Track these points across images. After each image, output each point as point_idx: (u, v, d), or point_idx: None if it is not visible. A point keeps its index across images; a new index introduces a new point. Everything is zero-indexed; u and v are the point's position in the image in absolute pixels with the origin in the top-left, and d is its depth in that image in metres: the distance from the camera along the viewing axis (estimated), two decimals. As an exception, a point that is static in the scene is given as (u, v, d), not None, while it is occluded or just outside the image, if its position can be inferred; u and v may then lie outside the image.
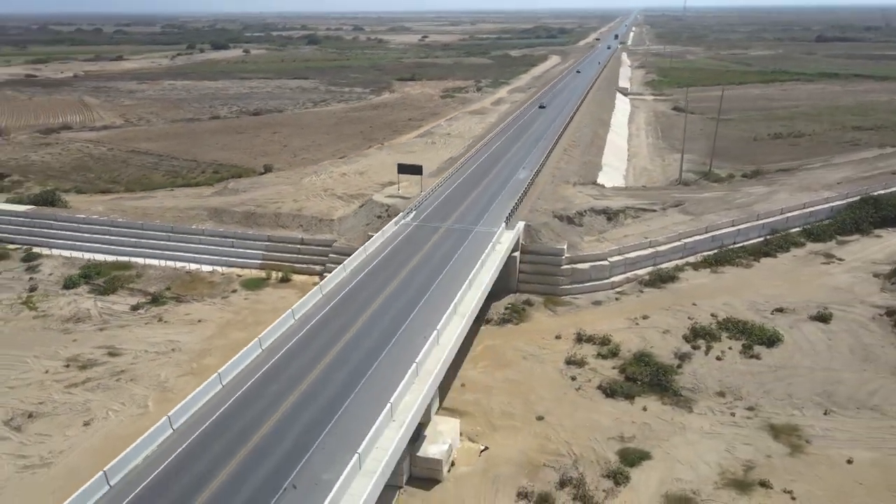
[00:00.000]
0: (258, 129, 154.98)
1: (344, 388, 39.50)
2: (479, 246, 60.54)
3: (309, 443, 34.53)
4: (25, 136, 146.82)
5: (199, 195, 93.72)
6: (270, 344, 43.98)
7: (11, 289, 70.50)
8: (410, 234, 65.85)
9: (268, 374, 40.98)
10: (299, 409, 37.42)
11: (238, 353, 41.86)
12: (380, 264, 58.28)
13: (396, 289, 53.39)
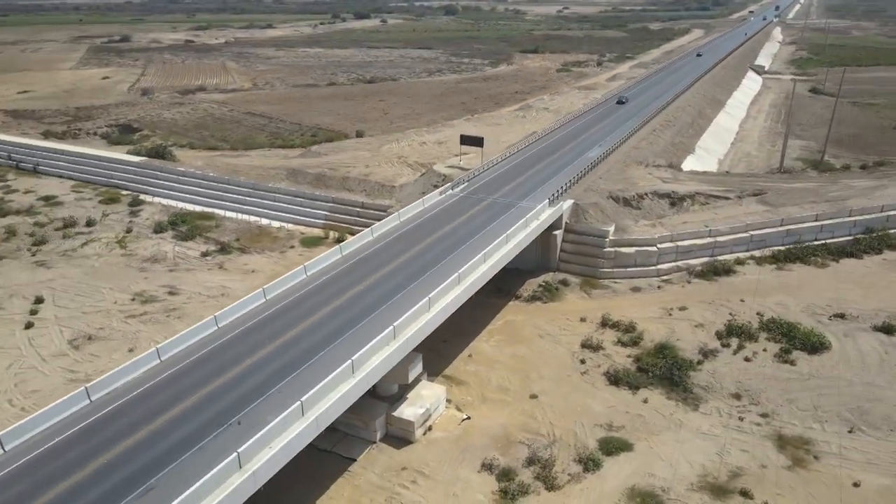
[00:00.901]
0: (367, 96, 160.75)
1: (323, 341, 41.72)
2: (514, 220, 60.08)
3: (270, 385, 37.16)
4: (166, 95, 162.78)
5: (286, 156, 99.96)
6: (275, 295, 47.22)
7: (112, 229, 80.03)
8: (451, 205, 66.60)
9: (261, 321, 44.23)
10: (273, 356, 40.20)
11: (240, 301, 45.55)
12: (409, 231, 59.78)
13: (414, 255, 54.68)
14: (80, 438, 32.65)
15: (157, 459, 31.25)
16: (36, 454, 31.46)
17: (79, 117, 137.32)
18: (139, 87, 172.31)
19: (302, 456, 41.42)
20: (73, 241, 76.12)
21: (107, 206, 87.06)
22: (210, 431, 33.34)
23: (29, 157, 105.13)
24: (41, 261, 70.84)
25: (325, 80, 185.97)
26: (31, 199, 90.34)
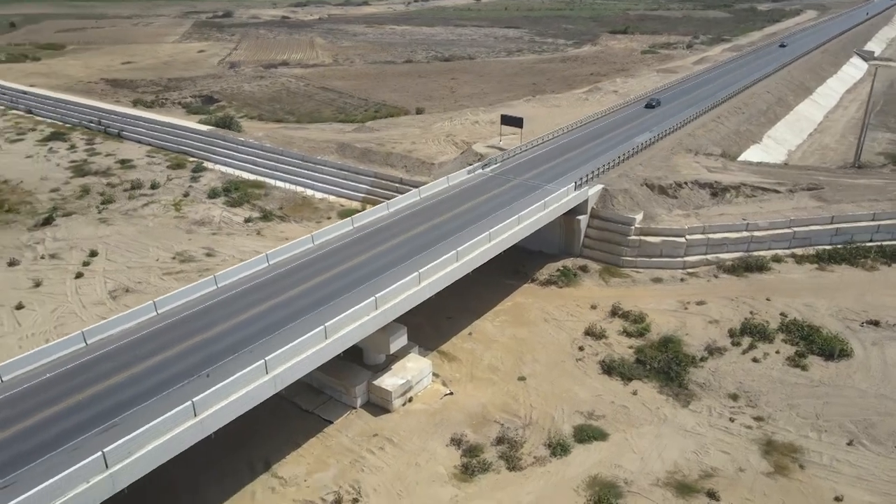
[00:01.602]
0: (440, 74, 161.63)
1: (312, 305, 43.50)
2: (535, 202, 59.47)
3: (251, 342, 39.38)
4: (250, 69, 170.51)
5: (342, 130, 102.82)
6: (278, 260, 49.58)
7: (172, 192, 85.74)
8: (476, 184, 66.70)
9: (259, 283, 46.67)
10: (261, 316, 42.44)
11: (242, 263, 48.25)
12: (426, 208, 60.59)
13: (423, 231, 55.44)
14: (66, 376, 36.21)
15: (127, 401, 34.16)
16: (25, 387, 35.22)
17: (168, 88, 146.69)
18: (228, 61, 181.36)
19: (284, 414, 44.10)
20: (136, 201, 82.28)
21: (172, 171, 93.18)
22: (182, 380, 35.97)
23: (116, 123, 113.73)
24: (104, 218, 77.16)
25: (403, 58, 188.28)
26: (109, 161, 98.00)
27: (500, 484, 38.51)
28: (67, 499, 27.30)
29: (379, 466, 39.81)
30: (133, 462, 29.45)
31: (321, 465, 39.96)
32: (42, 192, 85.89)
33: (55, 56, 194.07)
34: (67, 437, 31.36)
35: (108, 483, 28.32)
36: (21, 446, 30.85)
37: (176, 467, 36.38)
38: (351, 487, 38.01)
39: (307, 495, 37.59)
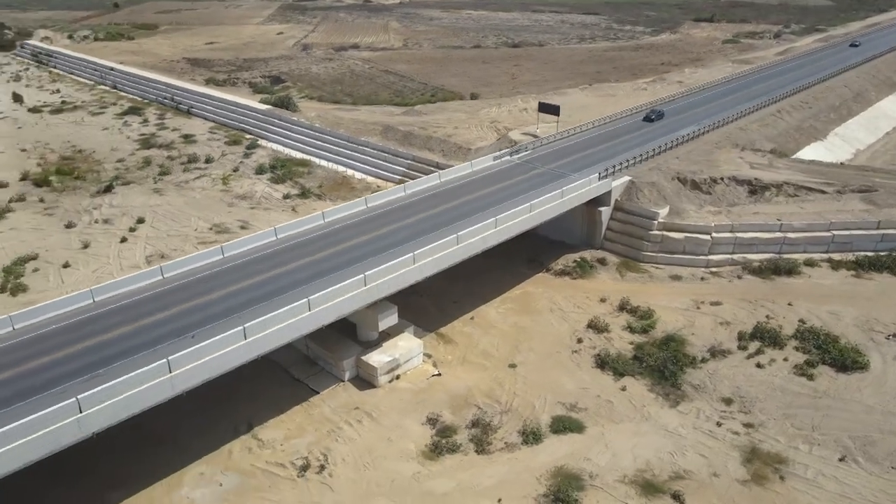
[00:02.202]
0: (504, 60, 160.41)
1: (310, 277, 45.26)
2: (554, 191, 58.92)
3: (241, 308, 41.52)
4: (321, 51, 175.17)
5: (391, 113, 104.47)
6: (286, 235, 51.69)
7: (224, 167, 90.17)
8: (500, 171, 66.56)
9: (264, 255, 48.92)
10: (261, 285, 44.55)
11: (252, 235, 50.72)
12: (444, 192, 61.15)
13: (435, 213, 56.07)
14: (70, 329, 39.54)
15: (116, 354, 37.02)
16: (32, 335, 38.79)
17: (241, 67, 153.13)
18: (301, 43, 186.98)
19: (277, 381, 46.28)
20: (189, 174, 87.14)
21: (228, 147, 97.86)
22: (171, 339, 38.53)
23: (186, 99, 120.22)
24: (158, 188, 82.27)
25: (471, 43, 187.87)
26: (174, 135, 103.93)
27: (464, 465, 39.10)
28: (40, 435, 30.17)
29: (353, 438, 41.24)
30: (104, 409, 32.04)
31: (300, 431, 41.81)
32: (109, 161, 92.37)
33: (148, 36, 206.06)
34: (57, 383, 34.42)
35: (74, 426, 31.00)
36: (14, 387, 34.15)
37: (166, 419, 39.41)
38: (321, 454, 39.66)
39: (279, 458, 39.53)
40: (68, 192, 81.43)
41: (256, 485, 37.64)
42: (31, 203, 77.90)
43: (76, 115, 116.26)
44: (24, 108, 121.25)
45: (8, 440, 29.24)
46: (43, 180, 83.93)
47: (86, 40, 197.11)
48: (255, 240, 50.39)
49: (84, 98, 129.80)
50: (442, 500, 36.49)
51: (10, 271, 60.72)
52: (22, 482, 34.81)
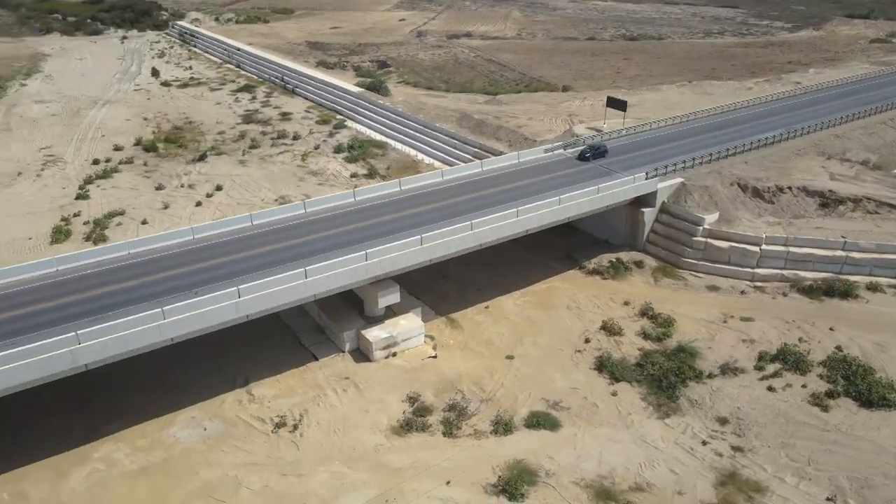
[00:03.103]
0: (615, 53, 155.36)
1: (321, 249, 47.62)
2: (598, 189, 57.47)
3: (254, 270, 44.81)
4: (434, 39, 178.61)
5: (474, 101, 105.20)
6: (315, 209, 54.53)
7: (307, 144, 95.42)
8: (548, 163, 65.55)
9: (289, 226, 51.97)
10: (276, 253, 47.56)
11: (282, 206, 54.11)
12: (480, 180, 61.38)
13: (464, 200, 56.45)
14: (107, 273, 44.69)
15: (131, 300, 41.41)
16: (72, 276, 44.34)
17: (354, 52, 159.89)
18: (417, 30, 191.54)
19: (283, 344, 49.39)
20: (275, 149, 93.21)
21: (317, 126, 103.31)
22: (182, 292, 42.48)
23: (293, 80, 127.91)
24: (243, 160, 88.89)
25: (587, 35, 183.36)
26: (274, 113, 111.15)
27: (427, 445, 40.02)
28: (45, 357, 34.96)
29: (333, 405, 43.39)
30: (97, 345, 36.34)
31: (289, 392, 44.59)
32: (212, 133, 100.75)
33: (282, 20, 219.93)
34: (71, 319, 39.32)
35: (67, 357, 35.49)
36: (32, 321, 39.33)
37: (178, 368, 43.78)
38: (299, 415, 42.17)
39: (262, 413, 42.51)
40: (169, 159, 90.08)
41: (235, 434, 40.86)
42: (137, 166, 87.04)
43: (197, 91, 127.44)
44: (158, 82, 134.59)
45: (8, 361, 34.13)
46: (151, 146, 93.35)
47: (228, 23, 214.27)
48: (284, 211, 53.74)
49: (210, 75, 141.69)
50: (393, 473, 37.71)
51: (99, 223, 68.79)
52: (45, 405, 40.39)
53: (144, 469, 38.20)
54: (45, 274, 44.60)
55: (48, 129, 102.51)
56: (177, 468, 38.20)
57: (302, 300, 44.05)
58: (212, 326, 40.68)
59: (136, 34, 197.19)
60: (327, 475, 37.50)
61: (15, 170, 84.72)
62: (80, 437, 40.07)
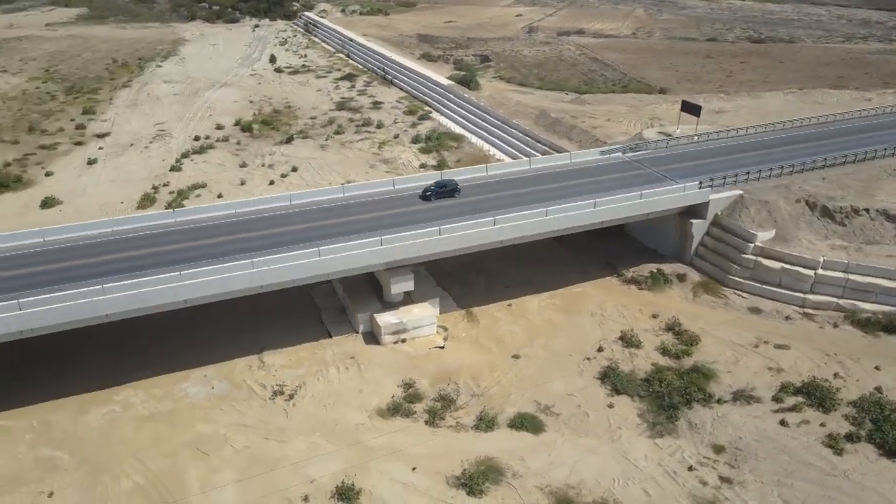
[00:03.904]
0: (733, 56, 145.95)
1: (352, 231, 49.81)
2: (640, 194, 55.32)
3: (277, 245, 47.67)
4: (544, 35, 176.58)
5: (559, 100, 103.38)
6: (354, 194, 56.72)
7: (388, 133, 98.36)
8: (601, 166, 63.54)
9: (326, 208, 54.41)
10: (305, 231, 50.23)
11: (319, 189, 56.76)
12: (526, 178, 60.80)
13: (501, 196, 56.44)
14: (150, 237, 49.32)
15: (165, 262, 45.49)
16: (114, 237, 49.40)
17: (461, 46, 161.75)
18: (529, 26, 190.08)
19: (305, 318, 51.96)
20: (357, 135, 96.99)
21: (403, 116, 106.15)
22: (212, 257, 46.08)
23: (392, 70, 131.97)
24: (325, 145, 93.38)
25: (708, 36, 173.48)
26: (367, 101, 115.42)
27: (407, 430, 40.87)
28: (69, 305, 39.62)
29: (332, 381, 45.30)
30: (117, 299, 40.51)
31: (296, 364, 47.03)
32: (304, 118, 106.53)
33: (403, 12, 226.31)
34: (101, 276, 43.87)
35: (89, 307, 39.88)
36: (64, 275, 44.26)
37: (202, 328, 47.75)
38: (297, 387, 44.43)
39: (266, 380, 45.22)
40: (261, 139, 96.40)
41: (237, 396, 43.88)
42: (230, 144, 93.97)
43: (304, 77, 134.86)
44: (273, 68, 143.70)
45: (42, 304, 39.00)
46: (248, 127, 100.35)
47: (353, 14, 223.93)
48: (323, 193, 56.38)
49: (320, 63, 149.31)
50: (366, 451, 38.97)
51: (182, 194, 75.37)
52: (86, 351, 45.65)
53: (152, 415, 42.10)
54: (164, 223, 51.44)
55: (168, 106, 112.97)
56: (179, 419, 41.75)
57: (314, 278, 46.35)
58: (224, 291, 43.71)
59: (268, 23, 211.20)
60: (305, 444, 39.46)
61: (128, 141, 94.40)
62: (107, 381, 44.74)
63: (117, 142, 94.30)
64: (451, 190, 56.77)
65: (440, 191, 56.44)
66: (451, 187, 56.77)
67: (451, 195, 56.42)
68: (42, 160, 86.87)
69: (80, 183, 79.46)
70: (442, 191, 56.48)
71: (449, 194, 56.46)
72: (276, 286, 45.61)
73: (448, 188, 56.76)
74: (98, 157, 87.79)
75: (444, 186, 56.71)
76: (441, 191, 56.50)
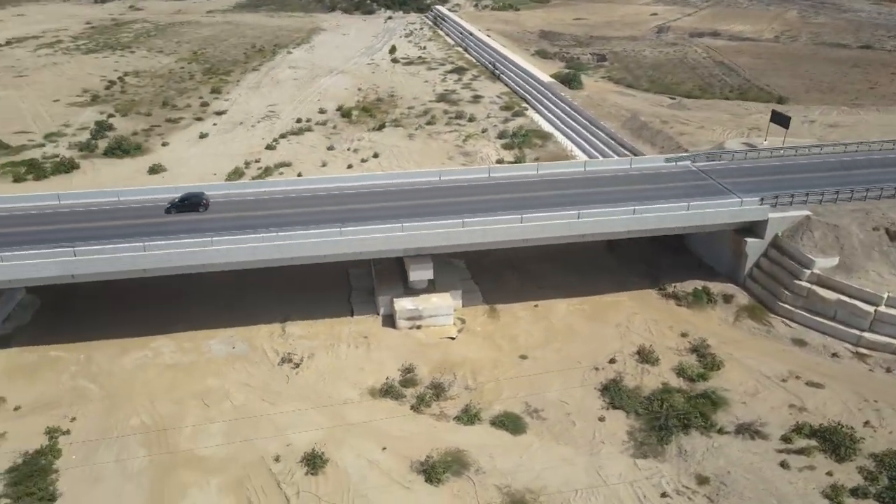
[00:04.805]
0: (884, 66, 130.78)
1: (391, 216, 51.41)
2: (697, 207, 52.31)
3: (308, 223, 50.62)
4: (674, 36, 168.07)
5: (658, 103, 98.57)
6: (403, 181, 58.55)
7: (477, 126, 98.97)
8: (660, 174, 60.25)
9: (373, 192, 56.57)
10: (352, 211, 52.06)
11: (372, 173, 58.94)
12: (578, 180, 59.25)
13: (544, 195, 55.59)
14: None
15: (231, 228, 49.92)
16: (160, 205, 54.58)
17: (582, 44, 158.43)
18: (660, 26, 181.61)
19: (335, 295, 54.61)
20: (447, 127, 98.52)
21: (498, 111, 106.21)
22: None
23: (501, 65, 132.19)
24: (413, 134, 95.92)
25: (863, 42, 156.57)
26: (468, 95, 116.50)
27: (390, 411, 42.03)
28: (112, 257, 44.93)
29: (339, 356, 47.39)
30: (150, 256, 45.30)
31: (312, 336, 49.61)
32: (403, 107, 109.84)
33: (534, 8, 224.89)
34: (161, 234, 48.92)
35: (130, 260, 44.90)
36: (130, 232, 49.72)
37: (243, 292, 52.20)
38: (305, 357, 46.98)
39: (280, 348, 48.19)
40: (356, 125, 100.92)
41: (251, 358, 47.24)
42: (327, 128, 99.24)
43: (415, 69, 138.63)
44: (390, 58, 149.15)
45: (96, 252, 44.65)
46: (347, 113, 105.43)
47: (485, 9, 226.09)
48: (375, 178, 58.75)
49: (437, 55, 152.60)
50: (345, 427, 40.61)
51: (267, 171, 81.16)
52: (138, 300, 51.20)
53: (175, 365, 46.52)
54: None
55: (285, 90, 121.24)
56: (195, 371, 45.81)
57: (333, 256, 48.66)
58: (242, 260, 47.21)
59: (401, 15, 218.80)
60: (292, 411, 41.85)
61: (240, 119, 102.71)
62: (151, 329, 49.86)
63: (231, 119, 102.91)
64: (194, 204, 52.68)
65: (183, 206, 52.61)
66: (196, 201, 52.85)
67: (196, 209, 52.48)
68: (164, 132, 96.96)
69: (188, 154, 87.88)
70: (185, 205, 52.60)
71: (192, 208, 52.61)
72: (299, 261, 48.41)
73: (191, 202, 52.79)
74: (210, 132, 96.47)
75: (187, 201, 52.77)
76: (184, 205, 52.56)
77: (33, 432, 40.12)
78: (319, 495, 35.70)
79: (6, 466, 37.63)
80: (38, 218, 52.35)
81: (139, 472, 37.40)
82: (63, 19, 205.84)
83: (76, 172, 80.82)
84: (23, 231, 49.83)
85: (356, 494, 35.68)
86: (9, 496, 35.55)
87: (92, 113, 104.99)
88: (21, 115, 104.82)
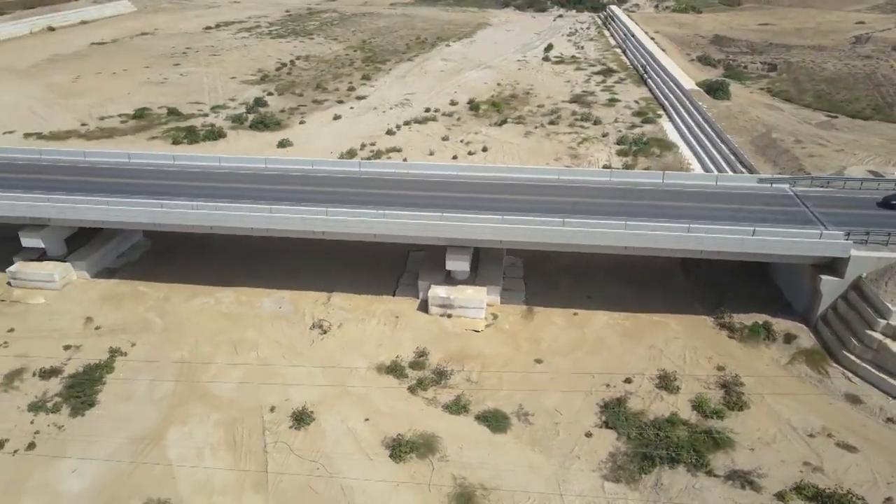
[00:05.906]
0: None
1: (447, 206, 52.88)
2: (768, 234, 47.68)
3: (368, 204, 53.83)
4: (873, 47, 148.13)
5: (805, 120, 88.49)
6: (468, 174, 59.38)
7: (600, 130, 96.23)
8: (742, 194, 54.79)
9: (433, 182, 58.40)
10: (409, 197, 54.77)
11: (434, 163, 60.57)
12: (652, 192, 55.94)
13: (609, 203, 53.65)
14: (255, 177, 59.60)
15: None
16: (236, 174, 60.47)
17: (755, 51, 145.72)
18: (858, 36, 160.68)
19: (385, 275, 57.46)
20: (569, 128, 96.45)
21: (629, 116, 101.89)
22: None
23: (651, 69, 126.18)
24: (530, 132, 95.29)
25: None
26: (604, 97, 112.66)
27: (389, 388, 43.90)
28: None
29: (365, 330, 50.03)
30: (212, 215, 51.16)
31: (350, 309, 52.70)
32: (533, 104, 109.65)
33: (719, 11, 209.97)
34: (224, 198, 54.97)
35: (194, 216, 51.11)
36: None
37: (308, 259, 57.68)
38: (335, 326, 50.24)
39: (320, 314, 51.84)
40: (481, 119, 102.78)
41: (290, 319, 51.52)
42: (451, 119, 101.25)
43: (563, 68, 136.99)
44: (542, 56, 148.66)
45: (173, 207, 51.52)
46: (476, 106, 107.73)
47: (665, 10, 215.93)
48: (437, 168, 60.46)
49: (592, 56, 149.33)
50: (340, 391, 43.22)
51: (376, 154, 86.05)
52: (219, 255, 57.96)
53: (227, 314, 52.25)
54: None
55: (427, 81, 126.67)
56: (240, 322, 51.09)
57: (365, 236, 51.38)
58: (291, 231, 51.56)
59: (573, 14, 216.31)
60: (303, 371, 45.30)
61: (375, 105, 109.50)
62: (222, 280, 56.25)
63: (367, 104, 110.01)
64: None
65: None
66: None
67: None
68: (306, 112, 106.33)
69: (318, 133, 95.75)
70: None
71: None
72: (341, 237, 51.84)
73: None
74: (344, 114, 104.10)
75: None
76: None
77: (101, 349, 47.71)
78: (292, 447, 38.71)
79: (71, 372, 45.32)
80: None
81: (161, 398, 43.09)
82: (268, 7, 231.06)
83: (221, 140, 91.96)
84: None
85: (322, 454, 38.16)
86: (61, 395, 42.94)
87: (256, 90, 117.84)
88: (201, 88, 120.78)
